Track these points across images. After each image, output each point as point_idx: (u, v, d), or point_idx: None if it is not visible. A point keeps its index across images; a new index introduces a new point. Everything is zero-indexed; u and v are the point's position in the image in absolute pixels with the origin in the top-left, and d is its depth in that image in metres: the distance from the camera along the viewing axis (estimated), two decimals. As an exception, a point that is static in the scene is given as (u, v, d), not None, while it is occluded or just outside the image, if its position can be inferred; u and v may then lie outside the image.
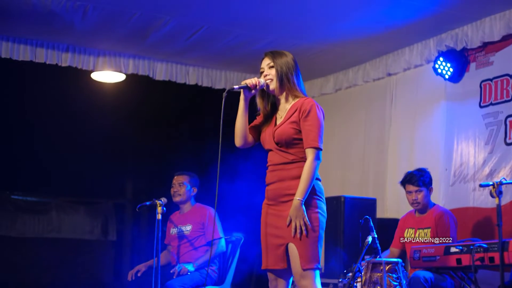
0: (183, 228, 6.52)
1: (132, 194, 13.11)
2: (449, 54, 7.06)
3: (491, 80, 6.77)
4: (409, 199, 6.16)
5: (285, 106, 4.34)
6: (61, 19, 6.95)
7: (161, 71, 8.30)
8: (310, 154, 4.16)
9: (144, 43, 7.71)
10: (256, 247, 4.71)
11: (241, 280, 7.14)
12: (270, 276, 4.35)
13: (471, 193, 6.84)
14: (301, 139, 4.21)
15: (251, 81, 4.27)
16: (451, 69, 7.05)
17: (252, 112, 4.41)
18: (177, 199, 6.60)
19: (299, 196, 4.09)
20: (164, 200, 5.96)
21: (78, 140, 9.40)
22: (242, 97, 4.32)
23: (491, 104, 6.74)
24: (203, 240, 6.41)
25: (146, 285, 5.88)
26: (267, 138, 4.34)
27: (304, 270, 4.10)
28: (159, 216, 5.85)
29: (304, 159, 4.19)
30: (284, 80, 4.29)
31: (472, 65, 7.03)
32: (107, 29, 7.29)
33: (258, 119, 4.48)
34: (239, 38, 7.54)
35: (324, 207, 4.26)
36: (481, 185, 4.49)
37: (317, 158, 4.15)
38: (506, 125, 6.54)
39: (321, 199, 4.24)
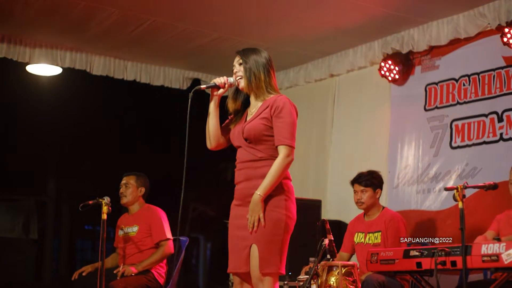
0: (129, 230, 6.25)
1: (54, 192, 12.79)
2: (394, 57, 7.07)
3: (436, 83, 6.82)
4: (354, 198, 6.08)
5: (257, 104, 4.22)
6: (1, 7, 6.62)
7: (98, 66, 8.01)
8: (282, 151, 4.03)
9: (83, 36, 7.43)
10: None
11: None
12: (235, 280, 4.24)
13: (415, 196, 6.88)
14: (271, 136, 4.08)
15: (219, 79, 4.20)
16: (396, 72, 7.06)
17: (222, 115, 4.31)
18: (123, 201, 6.30)
19: (260, 191, 3.96)
20: (107, 199, 5.70)
21: (6, 134, 9.06)
22: (212, 97, 4.24)
23: (436, 107, 6.79)
24: (150, 241, 6.19)
25: (91, 286, 5.66)
26: (236, 134, 4.20)
27: (262, 274, 3.98)
28: (104, 216, 5.59)
29: (273, 157, 4.06)
30: (252, 77, 4.17)
31: (417, 69, 7.07)
32: (48, 19, 6.99)
33: (230, 119, 4.36)
34: (183, 34, 7.36)
35: (294, 209, 4.13)
36: (445, 189, 4.49)
37: (288, 155, 4.03)
38: (451, 128, 6.60)
39: (290, 200, 4.11)
